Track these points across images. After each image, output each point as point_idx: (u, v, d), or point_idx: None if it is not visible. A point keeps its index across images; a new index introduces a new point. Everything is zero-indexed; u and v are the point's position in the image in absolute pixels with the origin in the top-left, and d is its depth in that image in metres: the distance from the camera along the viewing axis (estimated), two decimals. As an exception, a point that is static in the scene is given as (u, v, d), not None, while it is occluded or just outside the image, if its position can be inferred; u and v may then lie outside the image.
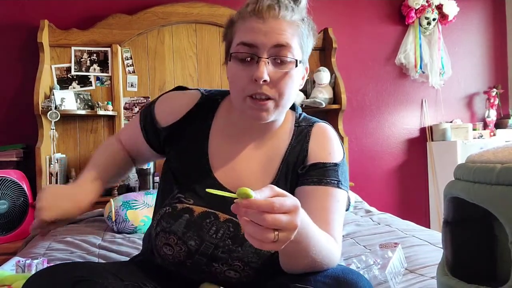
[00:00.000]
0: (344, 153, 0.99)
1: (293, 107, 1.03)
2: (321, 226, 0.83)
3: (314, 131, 0.99)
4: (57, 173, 2.66)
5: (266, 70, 0.84)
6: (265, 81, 0.84)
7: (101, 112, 2.79)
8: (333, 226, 0.87)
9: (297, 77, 0.90)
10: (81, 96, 2.84)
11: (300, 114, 1.04)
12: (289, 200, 0.64)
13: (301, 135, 0.99)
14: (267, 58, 0.84)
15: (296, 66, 0.88)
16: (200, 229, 0.90)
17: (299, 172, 0.95)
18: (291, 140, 0.98)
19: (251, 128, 0.97)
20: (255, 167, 0.96)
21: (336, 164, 0.94)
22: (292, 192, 0.93)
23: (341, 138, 2.96)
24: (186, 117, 1.00)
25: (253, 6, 0.86)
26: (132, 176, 2.79)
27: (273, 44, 0.84)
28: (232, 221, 0.90)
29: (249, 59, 0.86)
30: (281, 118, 0.97)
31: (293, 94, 0.91)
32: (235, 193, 0.62)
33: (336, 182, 0.92)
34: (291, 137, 0.98)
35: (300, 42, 0.89)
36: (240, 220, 0.63)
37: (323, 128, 1.01)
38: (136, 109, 2.94)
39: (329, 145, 0.97)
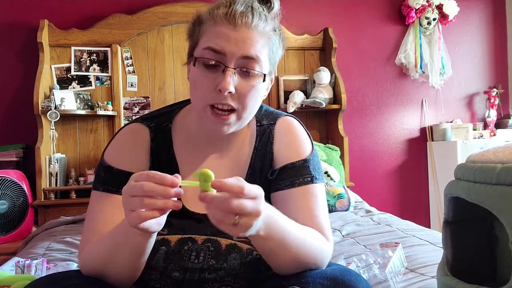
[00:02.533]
0: (312, 144, 0.96)
1: None
2: (307, 226, 0.83)
3: (277, 130, 0.95)
4: (57, 173, 2.66)
5: (232, 81, 0.80)
6: (230, 92, 0.80)
7: (101, 112, 2.78)
8: (319, 223, 0.86)
9: (263, 89, 0.88)
10: (81, 96, 2.84)
11: (260, 110, 0.97)
12: (255, 187, 0.67)
13: (264, 136, 0.94)
14: (234, 69, 0.81)
15: (264, 80, 0.85)
16: (181, 258, 0.86)
17: (269, 177, 0.91)
18: (256, 143, 0.94)
19: (212, 137, 0.92)
20: (222, 178, 0.92)
21: (305, 160, 0.91)
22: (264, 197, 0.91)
23: (341, 137, 2.99)
24: (151, 156, 0.92)
25: (225, 10, 0.81)
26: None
27: (242, 55, 0.80)
28: (210, 240, 0.87)
29: (213, 62, 0.81)
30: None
31: (256, 107, 0.88)
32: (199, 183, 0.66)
33: (309, 178, 0.89)
34: (255, 140, 0.94)
35: (269, 54, 0.86)
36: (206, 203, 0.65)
37: (286, 123, 0.96)
38: (136, 109, 2.94)
39: (294, 142, 0.93)
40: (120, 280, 0.80)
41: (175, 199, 0.67)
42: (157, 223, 0.69)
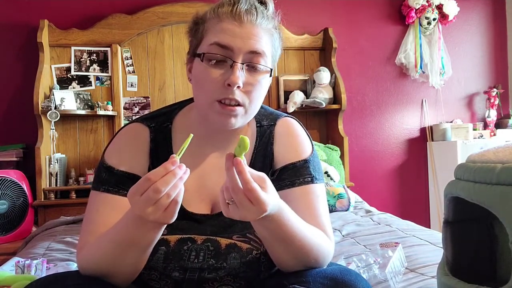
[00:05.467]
0: (312, 145, 0.97)
1: None
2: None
3: (277, 131, 0.96)
4: (57, 173, 2.66)
5: (240, 76, 0.81)
6: (238, 87, 0.81)
7: (101, 112, 2.78)
8: (321, 222, 0.87)
9: (267, 85, 0.89)
10: (81, 96, 2.84)
11: (260, 110, 0.97)
12: (264, 196, 0.69)
13: (265, 136, 0.95)
14: (242, 64, 0.82)
15: (271, 75, 0.86)
16: (180, 258, 0.86)
17: (269, 178, 0.91)
18: (256, 144, 0.94)
19: (211, 137, 0.93)
20: (223, 178, 0.89)
21: (306, 161, 0.92)
22: None
23: (341, 137, 2.99)
24: (151, 156, 0.92)
25: (230, 8, 0.83)
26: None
27: (249, 50, 0.82)
28: (210, 240, 0.87)
29: (225, 64, 0.82)
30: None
31: (260, 103, 0.89)
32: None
33: (310, 178, 0.90)
34: (255, 141, 0.95)
35: (272, 51, 0.88)
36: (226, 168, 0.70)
37: (286, 124, 0.97)
38: (136, 109, 2.94)
39: (295, 142, 0.94)
40: (127, 278, 0.81)
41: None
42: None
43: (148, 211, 0.67)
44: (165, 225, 0.75)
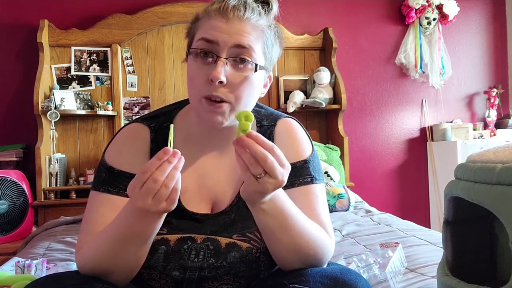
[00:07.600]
0: (312, 145, 0.97)
1: None
2: None
3: (278, 131, 0.95)
4: (56, 173, 2.66)
5: (223, 71, 0.80)
6: (221, 82, 0.80)
7: (101, 112, 2.79)
8: (321, 222, 0.87)
9: (258, 83, 0.87)
10: (81, 96, 2.84)
11: (260, 110, 0.98)
12: (287, 161, 0.72)
13: (265, 136, 0.95)
14: (226, 59, 0.81)
15: (256, 71, 0.84)
16: (180, 257, 0.86)
17: None
18: None
19: (211, 136, 0.93)
20: (223, 178, 0.92)
21: (305, 161, 0.92)
22: None
23: (341, 137, 2.99)
24: (151, 156, 0.89)
25: (219, 5, 0.83)
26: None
27: (234, 44, 0.81)
28: (210, 239, 0.87)
29: (210, 59, 0.82)
30: None
31: (252, 100, 0.88)
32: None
33: (309, 178, 0.90)
34: None
35: (264, 48, 0.87)
36: (238, 149, 0.71)
37: (286, 125, 0.97)
38: (136, 109, 2.94)
39: (295, 143, 0.94)
40: (126, 275, 0.81)
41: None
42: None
43: (149, 202, 0.69)
44: (165, 214, 0.76)
